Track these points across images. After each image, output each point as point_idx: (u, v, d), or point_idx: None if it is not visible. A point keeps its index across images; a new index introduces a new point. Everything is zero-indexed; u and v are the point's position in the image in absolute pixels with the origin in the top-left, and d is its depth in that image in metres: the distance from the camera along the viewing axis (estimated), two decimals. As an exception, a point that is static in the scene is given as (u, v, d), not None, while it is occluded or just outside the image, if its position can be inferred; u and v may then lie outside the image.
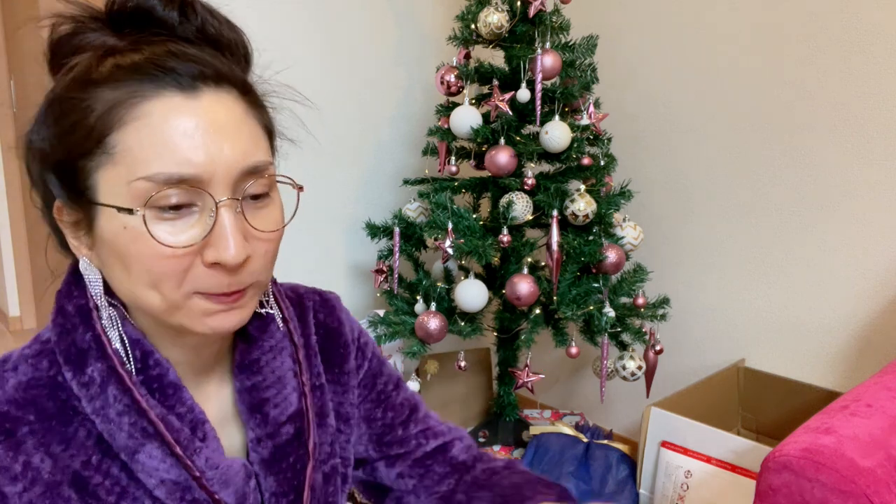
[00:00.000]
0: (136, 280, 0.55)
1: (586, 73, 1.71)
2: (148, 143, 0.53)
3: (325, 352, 0.75)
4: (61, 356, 0.59)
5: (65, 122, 0.55)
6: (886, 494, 0.89)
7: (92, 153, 0.54)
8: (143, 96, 0.53)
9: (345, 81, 2.06)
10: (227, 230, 0.54)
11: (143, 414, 0.58)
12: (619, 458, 1.67)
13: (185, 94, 0.54)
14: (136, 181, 0.53)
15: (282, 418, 0.67)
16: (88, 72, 0.55)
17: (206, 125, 0.54)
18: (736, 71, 1.77)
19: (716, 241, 1.87)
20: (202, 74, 0.55)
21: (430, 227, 1.62)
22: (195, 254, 0.55)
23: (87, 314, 0.60)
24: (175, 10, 0.57)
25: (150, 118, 0.53)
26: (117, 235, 0.55)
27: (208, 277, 0.55)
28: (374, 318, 1.72)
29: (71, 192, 0.56)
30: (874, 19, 1.53)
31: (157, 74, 0.54)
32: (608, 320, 1.62)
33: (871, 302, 1.60)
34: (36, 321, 3.43)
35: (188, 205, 0.54)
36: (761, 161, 1.75)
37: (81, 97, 0.54)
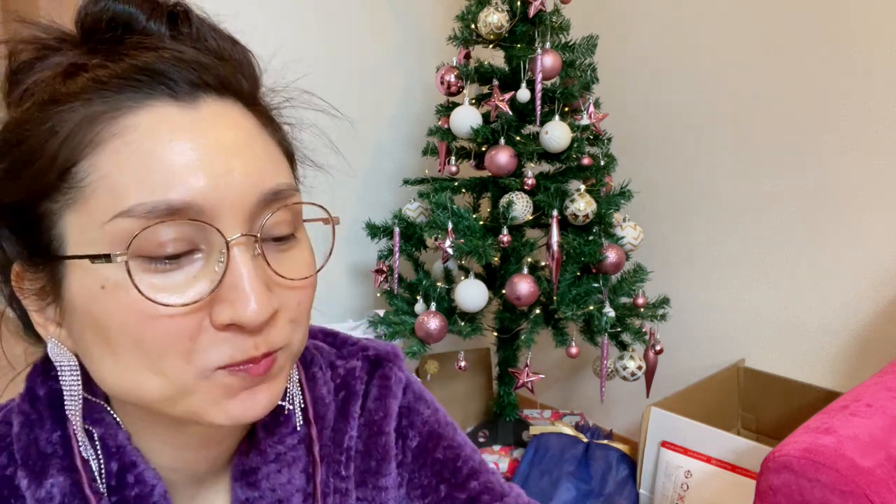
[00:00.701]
0: (126, 362, 0.40)
1: (586, 73, 1.71)
2: (128, 166, 0.39)
3: (362, 458, 0.56)
4: (19, 455, 0.45)
5: (19, 153, 0.41)
6: (886, 494, 0.90)
7: (56, 190, 0.40)
8: (125, 108, 0.40)
9: (345, 81, 2.06)
10: (245, 278, 0.40)
11: None
12: (619, 458, 1.67)
13: (181, 104, 0.41)
14: (112, 220, 0.38)
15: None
16: (49, 90, 0.41)
17: (208, 140, 0.40)
18: (736, 71, 1.77)
19: (716, 241, 1.87)
20: (202, 81, 0.42)
21: (430, 227, 1.62)
22: (203, 314, 0.40)
23: (59, 405, 0.46)
24: (163, 23, 0.44)
25: (132, 134, 0.39)
26: (94, 300, 0.40)
27: (226, 343, 0.41)
28: (374, 318, 1.72)
29: (30, 248, 0.42)
30: (875, 19, 1.53)
31: (143, 80, 0.40)
32: (608, 320, 1.62)
33: (871, 302, 1.60)
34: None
35: (188, 252, 0.40)
36: (761, 161, 1.75)
37: (41, 119, 0.40)
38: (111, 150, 0.39)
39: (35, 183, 0.40)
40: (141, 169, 0.39)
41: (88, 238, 0.40)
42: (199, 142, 0.40)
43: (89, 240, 0.40)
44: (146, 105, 0.40)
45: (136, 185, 0.39)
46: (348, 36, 2.04)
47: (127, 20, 0.43)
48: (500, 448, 1.86)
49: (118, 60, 0.42)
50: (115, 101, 0.40)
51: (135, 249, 0.39)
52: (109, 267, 0.39)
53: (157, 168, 0.39)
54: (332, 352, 0.59)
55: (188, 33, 0.45)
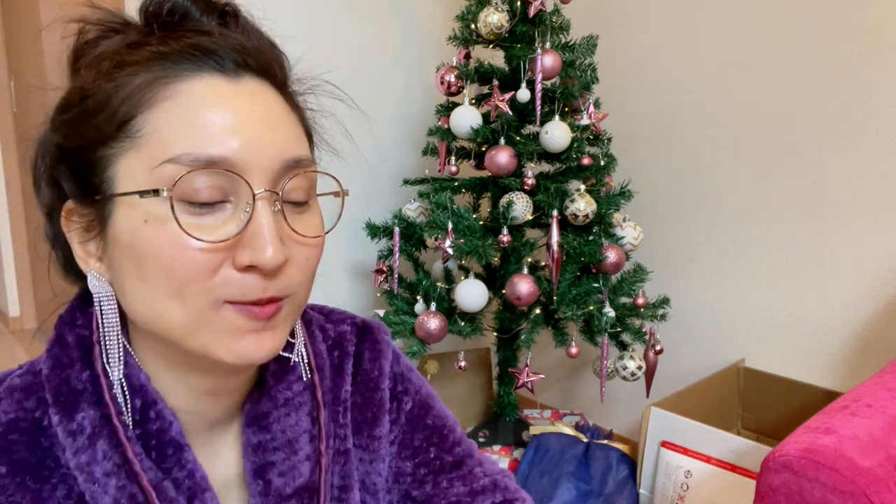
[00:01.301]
0: (155, 289, 0.47)
1: (586, 73, 1.71)
2: (178, 123, 0.46)
3: (358, 409, 0.63)
4: (50, 394, 0.50)
5: (84, 106, 0.48)
6: (886, 494, 0.89)
7: (113, 139, 0.47)
8: (180, 76, 0.48)
9: (345, 81, 2.05)
10: (265, 227, 0.47)
11: (135, 478, 0.50)
12: (619, 458, 1.67)
13: (227, 78, 0.49)
14: (160, 165, 0.46)
15: (286, 490, 0.56)
16: (115, 56, 0.49)
17: (245, 109, 0.48)
18: (736, 71, 1.77)
19: (716, 241, 1.87)
20: (245, 62, 0.50)
21: (430, 227, 1.62)
22: (226, 255, 0.47)
23: (88, 348, 0.51)
24: (214, 18, 0.52)
25: (183, 97, 0.47)
26: (136, 232, 0.47)
27: (240, 282, 0.47)
28: (374, 318, 1.72)
29: (84, 187, 0.49)
30: (875, 19, 1.53)
31: (196, 55, 0.48)
32: (608, 320, 1.62)
33: (871, 302, 1.60)
34: (36, 321, 3.43)
35: (220, 202, 0.47)
36: (762, 161, 1.75)
37: (108, 81, 0.48)
38: (164, 109, 0.47)
39: (96, 132, 0.48)
40: (188, 126, 0.46)
41: (137, 181, 0.47)
42: (238, 110, 0.48)
43: (138, 182, 0.47)
44: (197, 75, 0.48)
45: (183, 139, 0.46)
46: (348, 36, 2.04)
47: (184, 12, 0.51)
48: (500, 448, 1.86)
49: (177, 39, 0.49)
50: (171, 69, 0.48)
51: (177, 192, 0.46)
52: (154, 203, 0.46)
53: (202, 127, 0.46)
54: (321, 318, 0.66)
55: (234, 30, 0.52)
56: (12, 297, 3.42)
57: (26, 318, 3.44)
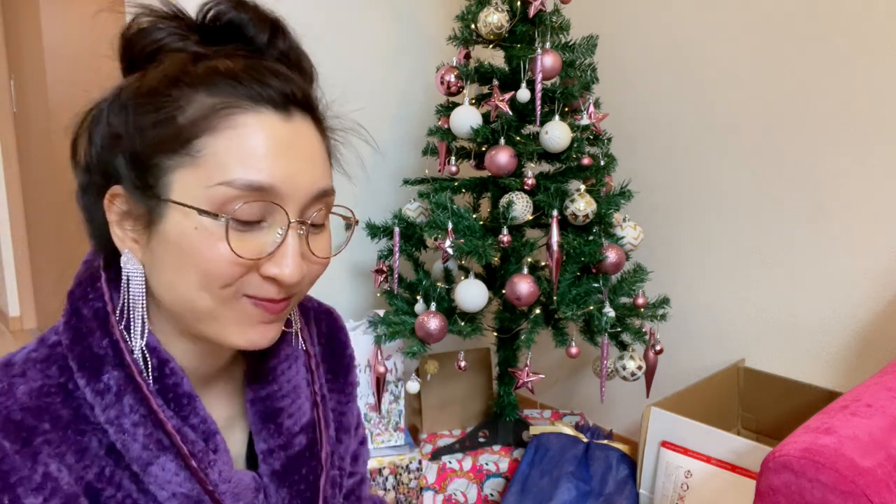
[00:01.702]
0: (189, 280, 0.55)
1: (586, 73, 1.70)
2: (235, 151, 0.53)
3: (328, 362, 0.75)
4: (74, 362, 0.57)
5: (153, 116, 0.54)
6: (886, 494, 0.89)
7: (174, 152, 0.54)
8: (240, 108, 0.54)
9: (345, 81, 2.06)
10: (291, 250, 0.56)
11: (160, 425, 0.57)
12: (619, 458, 1.67)
13: (279, 115, 0.56)
14: (215, 186, 0.53)
15: (295, 428, 0.67)
16: (181, 70, 0.55)
17: (292, 145, 0.56)
18: (736, 71, 1.77)
19: (716, 240, 1.87)
20: (294, 96, 0.57)
21: (430, 227, 1.62)
22: (255, 266, 0.56)
23: (104, 318, 0.58)
24: (266, 33, 0.59)
25: (242, 129, 0.54)
26: (185, 235, 0.54)
27: (260, 286, 0.56)
28: (374, 318, 1.72)
29: (140, 184, 0.55)
30: (874, 19, 1.53)
31: (253, 88, 0.55)
32: (608, 320, 1.62)
33: (871, 302, 1.60)
34: (36, 321, 3.43)
35: (258, 222, 0.55)
36: (761, 161, 1.75)
37: (173, 95, 0.54)
38: (225, 137, 0.54)
39: (161, 144, 0.54)
40: (245, 155, 0.54)
41: (193, 194, 0.54)
42: (286, 146, 0.55)
43: (194, 196, 0.54)
44: (255, 110, 0.55)
45: (239, 166, 0.53)
46: (348, 36, 2.04)
47: (238, 25, 0.58)
48: (500, 448, 1.86)
49: (233, 59, 0.56)
50: (232, 99, 0.54)
51: (229, 211, 0.53)
52: (206, 219, 0.54)
53: (256, 158, 0.54)
54: None
55: (283, 48, 0.60)
56: (12, 297, 3.42)
57: (26, 318, 3.44)
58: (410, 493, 1.79)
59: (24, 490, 0.52)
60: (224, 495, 0.60)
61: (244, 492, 0.63)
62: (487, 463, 1.81)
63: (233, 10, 0.58)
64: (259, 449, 0.66)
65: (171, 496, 0.57)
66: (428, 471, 1.79)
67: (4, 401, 0.54)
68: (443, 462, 1.79)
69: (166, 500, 0.57)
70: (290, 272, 0.55)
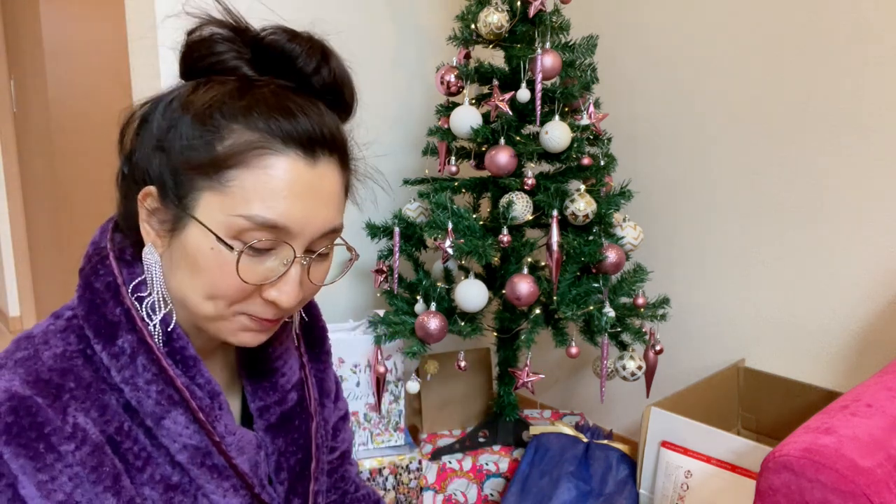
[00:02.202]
0: (197, 287, 0.62)
1: (586, 73, 1.70)
2: (262, 188, 0.59)
3: (305, 333, 0.82)
4: (91, 330, 0.62)
5: (195, 138, 0.60)
6: (886, 494, 0.90)
7: (208, 176, 0.59)
8: (272, 150, 0.59)
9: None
10: (292, 280, 0.62)
11: (171, 382, 0.63)
12: (619, 458, 1.67)
13: (306, 160, 0.61)
14: (236, 216, 0.59)
15: (288, 386, 0.74)
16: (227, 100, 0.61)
17: (312, 189, 0.61)
18: (737, 71, 1.77)
19: (716, 241, 1.87)
20: (322, 139, 0.62)
21: (430, 227, 1.62)
22: (258, 288, 0.62)
23: (115, 290, 0.63)
24: (313, 63, 0.64)
25: (271, 170, 0.59)
26: (201, 251, 0.60)
27: (260, 307, 0.63)
28: (374, 318, 1.72)
29: (173, 191, 0.61)
30: (873, 20, 1.53)
31: (285, 128, 0.60)
32: (608, 320, 1.62)
33: (871, 302, 1.60)
34: (36, 321, 3.43)
35: (267, 250, 0.61)
36: (762, 161, 1.75)
37: (215, 122, 0.60)
38: (254, 174, 0.59)
39: (197, 164, 0.60)
40: (268, 194, 0.59)
41: (213, 216, 0.60)
42: (306, 192, 0.61)
43: (215, 218, 0.60)
44: (285, 154, 0.60)
45: (260, 202, 0.59)
46: (348, 36, 2.04)
47: (289, 55, 0.63)
48: (500, 448, 1.86)
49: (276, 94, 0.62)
50: (267, 140, 0.59)
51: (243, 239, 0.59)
52: (222, 245, 0.59)
53: (278, 199, 0.59)
54: None
55: (327, 78, 0.65)
56: (12, 297, 3.42)
57: (26, 318, 3.44)
58: (410, 493, 1.79)
59: (58, 438, 0.57)
60: (230, 447, 0.66)
61: (247, 446, 0.68)
62: (487, 463, 1.81)
63: (288, 41, 0.64)
64: (255, 407, 0.73)
65: (182, 448, 0.63)
66: (428, 471, 1.79)
67: (32, 364, 0.59)
68: (443, 462, 1.79)
69: (177, 453, 0.63)
70: (288, 299, 0.62)
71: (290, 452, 0.73)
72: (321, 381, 0.82)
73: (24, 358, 0.60)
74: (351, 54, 0.60)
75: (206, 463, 0.64)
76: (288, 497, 0.73)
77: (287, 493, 0.73)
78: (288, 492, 0.73)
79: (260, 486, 0.69)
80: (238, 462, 0.66)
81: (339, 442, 0.87)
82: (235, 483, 0.66)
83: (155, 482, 0.63)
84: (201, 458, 0.64)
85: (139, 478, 0.62)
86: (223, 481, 0.65)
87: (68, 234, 2.69)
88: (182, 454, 0.63)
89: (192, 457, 0.63)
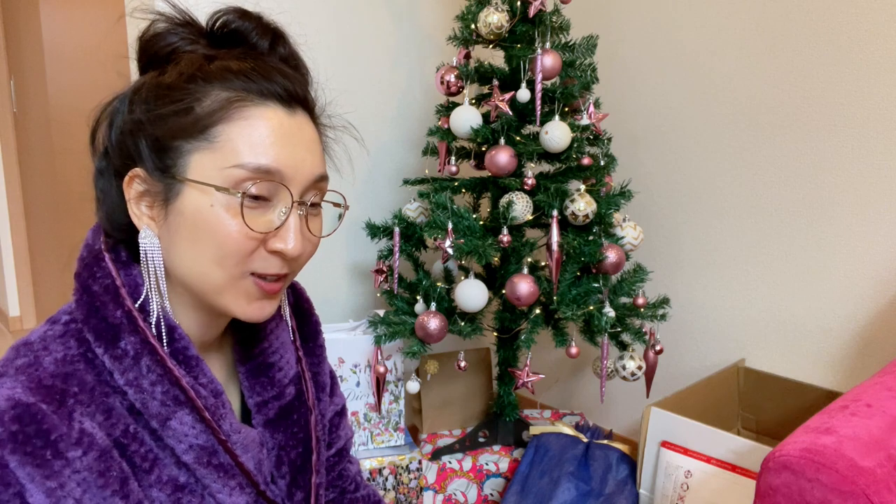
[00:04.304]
0: (202, 255, 0.62)
1: (586, 73, 1.70)
2: (248, 139, 0.61)
3: (299, 328, 0.83)
4: (91, 333, 0.62)
5: (173, 106, 0.61)
6: (886, 494, 0.90)
7: (193, 137, 0.61)
8: (252, 101, 0.62)
9: (344, 81, 2.06)
10: (294, 227, 0.64)
11: (176, 382, 0.63)
12: (619, 458, 1.67)
13: (286, 110, 0.64)
14: (230, 168, 0.61)
15: (285, 381, 0.75)
16: (198, 68, 0.63)
17: (296, 137, 0.64)
18: (737, 71, 1.77)
19: (716, 241, 1.87)
20: (297, 94, 0.65)
21: (430, 227, 1.62)
22: (262, 240, 0.63)
23: (114, 292, 0.63)
24: (267, 40, 0.67)
25: (255, 120, 0.62)
26: (201, 211, 0.61)
27: (266, 260, 0.64)
28: (374, 318, 1.72)
29: (160, 165, 0.62)
30: (873, 19, 1.53)
31: (262, 84, 0.63)
32: (608, 320, 1.62)
33: (871, 302, 1.60)
34: (36, 321, 3.43)
35: (266, 198, 0.62)
36: (762, 161, 1.75)
37: (191, 88, 0.62)
38: (240, 126, 0.61)
39: (181, 130, 0.61)
40: (256, 143, 0.61)
41: (209, 174, 0.61)
42: (291, 136, 0.63)
43: (208, 175, 0.61)
44: (265, 104, 0.63)
45: (250, 151, 0.61)
46: (348, 36, 2.04)
47: (243, 32, 0.66)
48: (500, 448, 1.86)
49: (244, 60, 0.64)
50: (245, 94, 0.62)
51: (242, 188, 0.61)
52: (222, 195, 0.61)
53: (266, 146, 0.62)
54: None
55: (283, 53, 0.68)
56: (12, 297, 3.42)
57: (26, 318, 3.44)
58: (410, 493, 1.79)
59: (65, 444, 0.57)
60: (235, 445, 0.66)
61: (251, 444, 0.69)
62: (487, 463, 1.81)
63: (238, 19, 0.66)
64: (252, 403, 0.74)
65: (189, 448, 0.63)
66: (428, 471, 1.79)
67: (34, 370, 0.59)
68: (443, 462, 1.79)
69: (184, 453, 0.63)
70: (293, 246, 0.63)
71: (291, 446, 0.74)
72: (316, 375, 0.82)
73: (25, 365, 0.59)
74: (351, 54, 0.61)
75: (213, 462, 0.64)
76: (290, 490, 0.73)
77: (289, 487, 0.73)
78: (290, 485, 0.73)
79: (265, 483, 0.70)
80: (243, 460, 0.67)
81: (336, 438, 0.87)
82: (241, 481, 0.67)
83: (162, 483, 0.63)
84: (208, 458, 0.64)
85: (147, 480, 0.62)
86: (229, 480, 0.66)
87: (68, 233, 2.69)
88: (188, 454, 0.63)
89: (198, 456, 0.64)
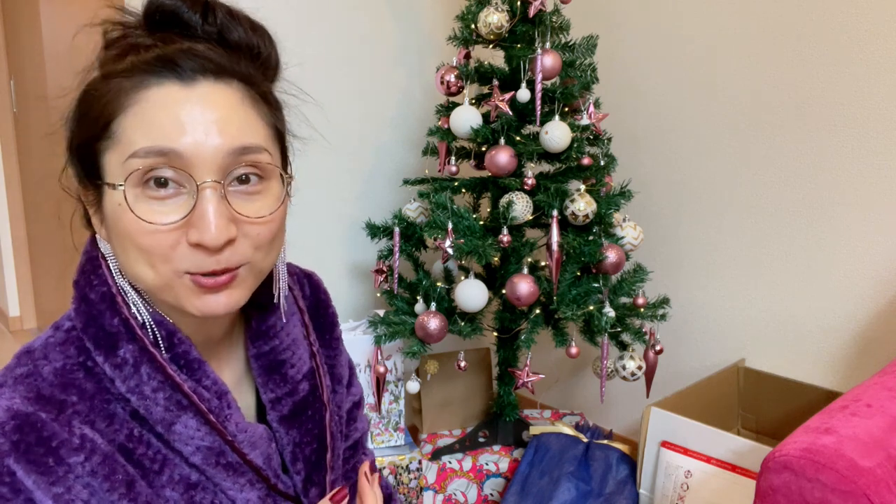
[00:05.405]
0: (132, 257, 0.59)
1: (586, 73, 1.70)
2: (139, 124, 0.57)
3: (315, 320, 0.81)
4: (90, 342, 0.61)
5: (83, 109, 0.60)
6: (886, 494, 0.90)
7: (101, 137, 0.59)
8: (145, 85, 0.57)
9: (345, 81, 2.06)
10: (209, 212, 0.56)
11: (178, 388, 0.62)
12: (619, 458, 1.67)
13: (182, 84, 0.58)
14: (127, 160, 0.57)
15: (298, 377, 0.74)
16: (109, 68, 0.60)
17: (196, 110, 0.57)
18: (737, 70, 1.77)
19: (716, 241, 1.87)
20: (203, 68, 0.59)
21: (430, 227, 1.62)
22: (181, 234, 0.57)
23: (111, 300, 0.63)
24: (198, 13, 0.62)
25: (145, 103, 0.57)
26: (114, 214, 0.58)
27: (192, 256, 0.58)
28: (374, 318, 1.72)
29: (87, 173, 0.61)
30: (873, 19, 1.53)
31: (159, 66, 0.58)
32: (608, 320, 1.62)
33: (871, 302, 1.60)
34: (36, 321, 3.43)
35: (176, 184, 0.57)
36: (761, 161, 1.75)
37: (99, 88, 0.59)
38: (132, 114, 0.57)
39: (90, 132, 0.59)
40: (147, 127, 0.56)
41: (115, 172, 0.58)
42: (187, 112, 0.57)
43: (115, 173, 0.58)
44: (157, 83, 0.58)
45: (143, 137, 0.56)
46: (348, 36, 2.04)
47: (173, 10, 0.62)
48: (500, 448, 1.86)
49: (157, 47, 0.59)
50: (139, 79, 0.58)
51: (135, 182, 0.57)
52: (120, 193, 0.57)
53: (158, 127, 0.56)
54: None
55: (214, 23, 0.62)
56: (12, 297, 3.41)
57: (26, 318, 3.44)
58: (410, 493, 1.79)
59: (67, 451, 0.56)
60: (242, 444, 0.66)
61: (259, 441, 0.68)
62: (487, 463, 1.81)
63: None
64: (266, 399, 0.72)
65: (196, 450, 0.63)
66: (428, 471, 1.79)
67: (33, 381, 0.59)
68: (443, 462, 1.79)
69: (191, 455, 0.63)
70: (211, 235, 0.56)
71: (306, 443, 0.73)
72: (332, 368, 0.81)
73: (24, 374, 0.59)
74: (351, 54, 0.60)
75: (221, 462, 0.65)
76: (305, 487, 0.73)
77: (304, 483, 0.73)
78: (305, 482, 0.73)
79: (275, 476, 0.70)
80: (252, 457, 0.67)
81: (353, 430, 0.87)
82: (251, 477, 0.67)
83: (175, 483, 0.63)
84: (216, 458, 0.64)
85: (158, 480, 0.62)
86: (239, 477, 0.66)
87: (68, 234, 2.69)
88: (196, 456, 0.63)
89: (206, 457, 0.64)
